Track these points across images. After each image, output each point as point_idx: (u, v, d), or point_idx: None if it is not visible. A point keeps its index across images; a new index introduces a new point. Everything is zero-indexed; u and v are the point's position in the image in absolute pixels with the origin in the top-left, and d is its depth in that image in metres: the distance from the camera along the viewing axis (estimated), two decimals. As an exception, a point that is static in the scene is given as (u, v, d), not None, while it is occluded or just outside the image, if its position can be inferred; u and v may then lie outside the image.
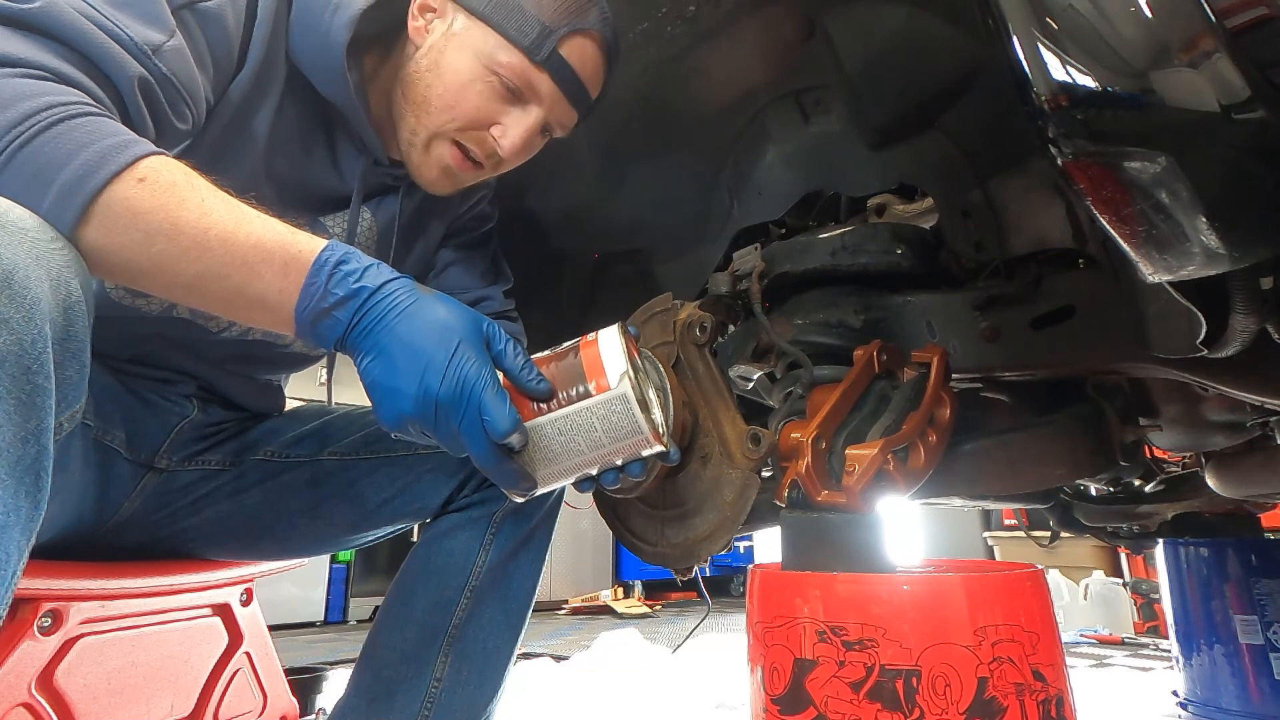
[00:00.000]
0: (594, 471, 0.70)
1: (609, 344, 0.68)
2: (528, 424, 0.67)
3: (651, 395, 0.72)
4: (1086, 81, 0.44)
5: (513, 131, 0.84)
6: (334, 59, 0.79)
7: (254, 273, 0.60)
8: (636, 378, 0.68)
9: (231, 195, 0.62)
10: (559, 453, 0.68)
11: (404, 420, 0.63)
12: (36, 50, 0.59)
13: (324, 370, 1.05)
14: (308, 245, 0.62)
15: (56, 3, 0.61)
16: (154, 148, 0.60)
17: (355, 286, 0.62)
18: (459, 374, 0.62)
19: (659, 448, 0.68)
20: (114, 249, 0.57)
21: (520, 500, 0.74)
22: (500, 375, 0.66)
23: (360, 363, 0.64)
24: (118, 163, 0.56)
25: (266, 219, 0.62)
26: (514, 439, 0.64)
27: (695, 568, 0.83)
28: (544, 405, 0.67)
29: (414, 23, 0.84)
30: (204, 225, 0.59)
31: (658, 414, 0.71)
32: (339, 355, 0.98)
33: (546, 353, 0.71)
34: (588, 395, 0.66)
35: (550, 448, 0.67)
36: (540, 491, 0.71)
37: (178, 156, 0.62)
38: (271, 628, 1.18)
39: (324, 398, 1.07)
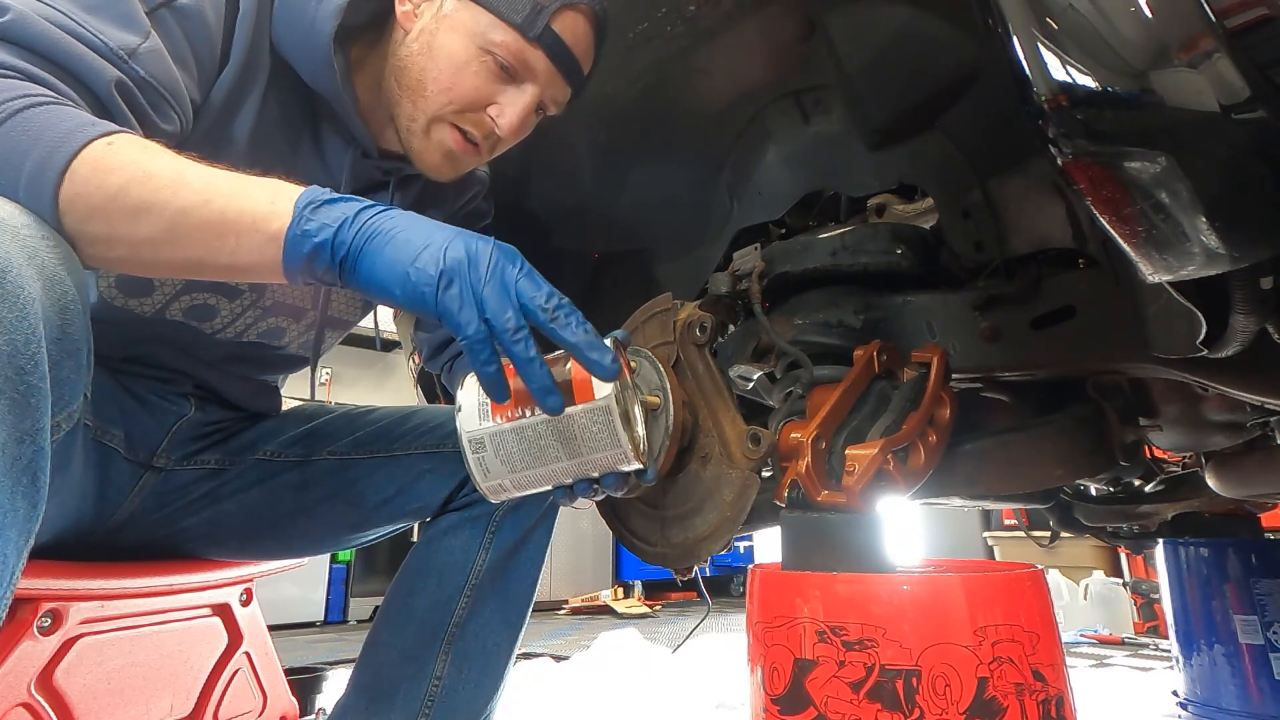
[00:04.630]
0: (569, 481, 0.69)
1: None
2: (508, 425, 0.67)
3: (637, 412, 0.72)
4: (1086, 81, 0.44)
5: (509, 110, 0.83)
6: (320, 49, 0.78)
7: (238, 193, 0.59)
8: (623, 393, 0.68)
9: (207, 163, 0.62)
10: (536, 456, 0.68)
11: (456, 264, 0.58)
12: (6, 56, 0.59)
13: (325, 371, 1.05)
14: (292, 185, 0.62)
15: (25, 13, 0.60)
16: (119, 127, 0.60)
17: (354, 194, 0.62)
18: (492, 244, 0.61)
19: (637, 465, 0.68)
20: (91, 213, 0.57)
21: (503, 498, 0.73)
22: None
23: (384, 234, 0.59)
24: (84, 136, 0.57)
25: (247, 175, 0.62)
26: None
27: (695, 568, 0.83)
28: (526, 410, 0.67)
29: (401, 7, 0.84)
30: (180, 168, 0.59)
31: (641, 431, 0.71)
32: (325, 357, 0.99)
33: None
34: (572, 403, 0.65)
35: (529, 450, 0.68)
36: (515, 495, 0.71)
37: None
38: (271, 628, 1.18)
39: (323, 398, 1.07)
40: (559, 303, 0.61)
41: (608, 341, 0.68)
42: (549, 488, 0.71)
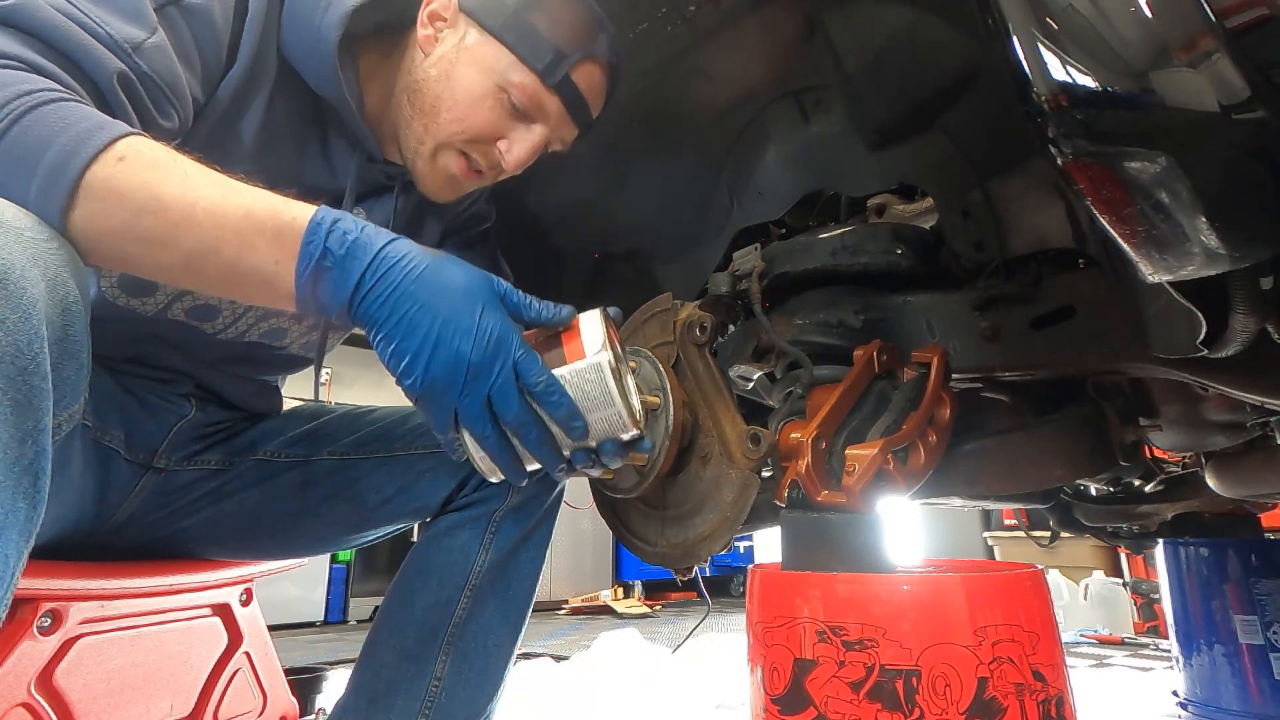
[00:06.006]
0: (565, 451, 0.69)
1: (589, 323, 0.69)
2: None
3: (630, 383, 0.71)
4: (1086, 81, 0.44)
5: (518, 147, 0.85)
6: (325, 56, 0.79)
7: (247, 244, 0.59)
8: (615, 360, 0.68)
9: (216, 169, 0.61)
10: None
11: (432, 386, 0.61)
12: (9, 43, 0.58)
13: (325, 371, 1.05)
14: (300, 211, 0.61)
15: (33, 0, 0.60)
16: (130, 128, 0.59)
17: (355, 243, 0.60)
18: (488, 335, 0.61)
19: (634, 431, 0.68)
20: (102, 232, 0.56)
21: (522, 482, 0.72)
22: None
23: (377, 330, 0.61)
24: (95, 144, 0.56)
25: (255, 190, 0.61)
26: (550, 396, 0.63)
27: (695, 568, 0.83)
28: None
29: (423, 30, 0.85)
30: (190, 199, 0.58)
31: (635, 400, 0.70)
32: (325, 357, 0.99)
33: (530, 332, 0.70)
34: (562, 363, 0.66)
35: None
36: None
37: None
38: (271, 628, 1.18)
39: (323, 398, 1.07)
40: (526, 418, 0.63)
41: (597, 311, 0.69)
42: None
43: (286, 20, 0.80)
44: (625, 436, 0.69)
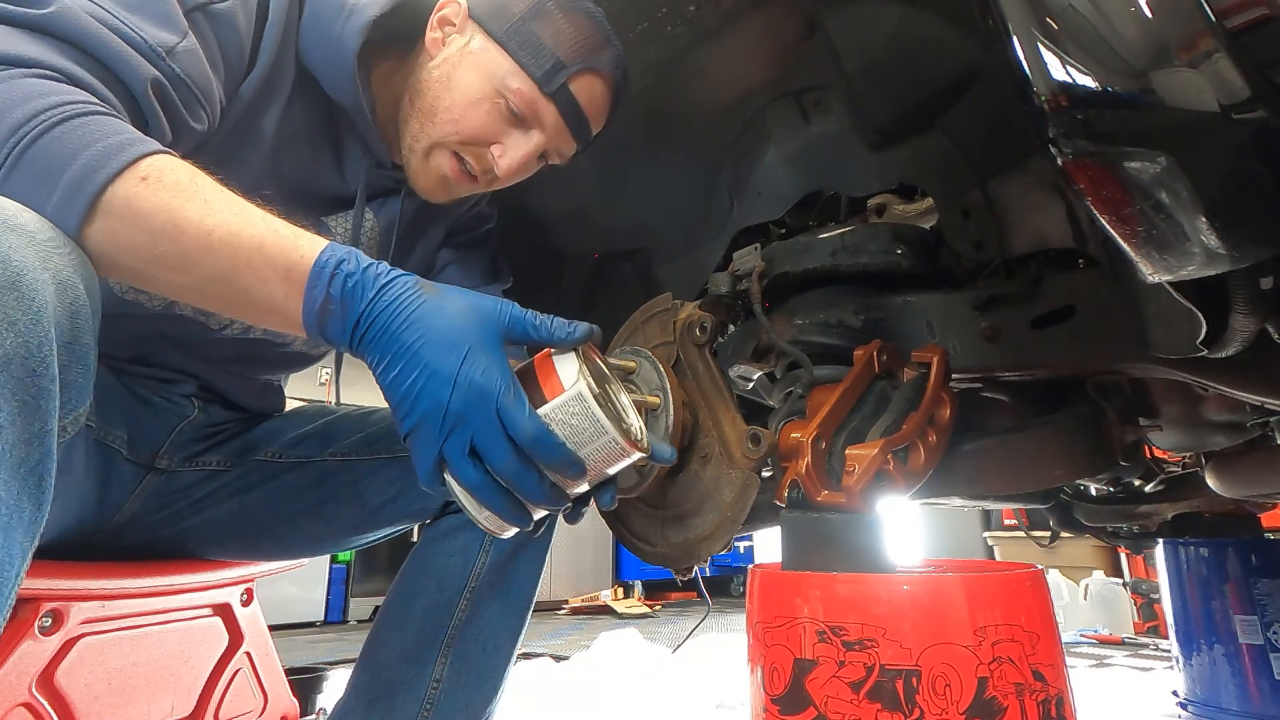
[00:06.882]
0: (569, 490, 0.64)
1: (561, 355, 0.64)
2: None
3: (625, 400, 0.68)
4: (1086, 81, 0.44)
5: (511, 153, 0.86)
6: (345, 64, 0.80)
7: (259, 277, 0.59)
8: (596, 381, 0.64)
9: (236, 193, 0.61)
10: None
11: (416, 428, 0.59)
12: (47, 52, 0.59)
13: (324, 370, 1.05)
14: (309, 249, 0.60)
15: (69, 7, 0.61)
16: (157, 145, 0.59)
17: (353, 288, 0.60)
18: (468, 382, 0.58)
19: (636, 454, 0.64)
20: (118, 250, 0.57)
21: (505, 536, 0.68)
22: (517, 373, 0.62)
23: (374, 369, 0.61)
24: (119, 161, 0.56)
25: (270, 219, 0.61)
26: (540, 444, 0.60)
27: (695, 568, 0.83)
28: None
29: (432, 33, 0.86)
30: (207, 227, 0.58)
31: (633, 419, 0.67)
32: (324, 357, 0.99)
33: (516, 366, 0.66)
34: (543, 401, 0.62)
35: None
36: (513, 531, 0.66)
37: (186, 155, 0.62)
38: (271, 628, 1.18)
39: (324, 398, 1.07)
40: (518, 467, 0.60)
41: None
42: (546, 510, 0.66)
43: (306, 27, 0.82)
44: (623, 463, 0.64)
